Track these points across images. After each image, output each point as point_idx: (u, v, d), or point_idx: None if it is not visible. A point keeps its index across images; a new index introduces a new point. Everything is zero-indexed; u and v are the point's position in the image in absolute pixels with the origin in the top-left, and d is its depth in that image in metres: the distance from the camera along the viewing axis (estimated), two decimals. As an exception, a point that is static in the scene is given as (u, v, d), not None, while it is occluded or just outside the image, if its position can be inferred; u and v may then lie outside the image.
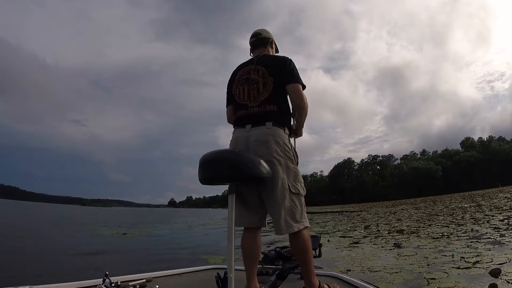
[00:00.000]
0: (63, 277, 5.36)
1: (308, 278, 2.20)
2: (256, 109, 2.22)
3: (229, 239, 1.77)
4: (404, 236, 9.31)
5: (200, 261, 7.24)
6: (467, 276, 4.44)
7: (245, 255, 2.16)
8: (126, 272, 2.77)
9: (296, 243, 2.15)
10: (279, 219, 2.08)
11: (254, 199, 2.19)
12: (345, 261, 6.12)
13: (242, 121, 2.27)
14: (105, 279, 2.28)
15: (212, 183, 1.98)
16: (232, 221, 1.81)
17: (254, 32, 2.55)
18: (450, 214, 16.40)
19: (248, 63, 2.43)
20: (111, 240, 12.74)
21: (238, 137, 2.24)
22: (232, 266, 1.74)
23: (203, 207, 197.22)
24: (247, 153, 1.99)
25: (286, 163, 2.15)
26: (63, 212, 49.92)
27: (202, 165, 1.89)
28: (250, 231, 2.21)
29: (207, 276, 2.84)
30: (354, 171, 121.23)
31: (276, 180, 2.09)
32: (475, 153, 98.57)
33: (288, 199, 2.12)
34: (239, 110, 2.31)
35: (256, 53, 2.48)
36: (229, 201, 1.84)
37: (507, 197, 25.65)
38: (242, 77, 2.35)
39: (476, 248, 6.26)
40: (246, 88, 2.29)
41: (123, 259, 7.90)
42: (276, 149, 2.12)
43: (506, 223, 9.75)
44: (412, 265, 5.35)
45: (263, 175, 1.90)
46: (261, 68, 2.30)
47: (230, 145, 2.28)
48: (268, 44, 2.52)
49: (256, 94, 2.24)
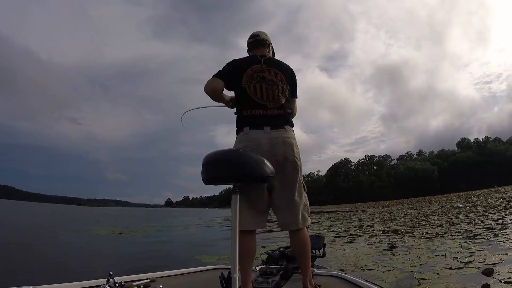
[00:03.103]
0: (57, 277, 5.40)
1: (308, 277, 2.27)
2: (276, 111, 2.28)
3: (233, 240, 1.76)
4: (399, 236, 9.33)
5: (194, 261, 7.26)
6: (459, 276, 4.45)
7: (244, 256, 2.12)
8: (126, 272, 2.76)
9: (299, 241, 2.26)
10: (298, 215, 2.23)
11: (264, 201, 2.22)
12: (338, 261, 6.12)
13: (258, 121, 2.25)
14: (109, 279, 2.27)
15: (216, 183, 1.95)
16: (236, 221, 1.77)
17: (253, 34, 2.55)
18: (445, 214, 16.44)
19: (254, 60, 2.37)
20: (107, 240, 12.77)
21: (258, 138, 2.20)
22: (236, 266, 1.73)
23: (200, 207, 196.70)
24: (251, 153, 1.95)
25: (301, 164, 2.31)
26: (60, 212, 49.81)
27: (206, 165, 1.84)
28: (249, 233, 2.20)
29: (211, 276, 2.84)
30: (350, 171, 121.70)
31: (298, 179, 2.27)
32: (471, 154, 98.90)
33: (304, 196, 2.32)
34: (255, 109, 2.27)
35: (253, 54, 2.47)
36: (233, 201, 1.79)
37: (502, 197, 25.71)
38: (256, 74, 2.31)
39: (469, 248, 6.26)
40: (264, 87, 2.28)
41: (117, 259, 7.88)
42: (298, 151, 2.29)
43: (500, 223, 9.77)
44: (404, 265, 5.36)
45: (268, 174, 1.87)
46: (277, 72, 2.33)
47: (250, 147, 2.18)
48: (266, 46, 2.52)
49: (277, 97, 2.29)
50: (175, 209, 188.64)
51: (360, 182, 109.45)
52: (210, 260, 7.15)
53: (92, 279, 2.39)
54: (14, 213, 35.88)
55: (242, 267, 2.13)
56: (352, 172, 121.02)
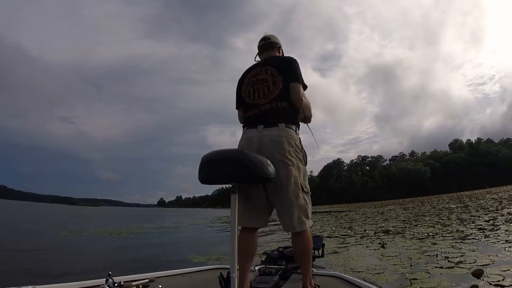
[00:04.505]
0: (49, 276, 5.34)
1: (308, 277, 2.28)
2: (268, 106, 2.26)
3: (232, 239, 1.76)
4: (390, 237, 9.32)
5: (185, 261, 7.21)
6: (450, 276, 4.44)
7: (243, 254, 2.14)
8: (126, 272, 2.73)
9: (300, 242, 2.25)
10: (293, 217, 2.16)
11: (263, 200, 2.22)
12: (329, 261, 6.07)
13: (253, 120, 2.30)
14: (108, 279, 2.27)
15: (215, 183, 1.97)
16: (235, 221, 1.79)
17: (264, 37, 2.61)
18: (437, 214, 16.49)
19: (255, 66, 2.48)
20: (97, 240, 12.69)
21: (251, 137, 2.26)
22: (235, 266, 1.74)
23: (193, 207, 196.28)
24: (252, 152, 1.95)
25: (298, 163, 2.22)
26: (52, 212, 49.52)
27: (207, 164, 1.86)
28: (250, 230, 2.24)
29: (210, 276, 2.87)
30: (343, 171, 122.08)
31: (289, 179, 2.16)
32: (464, 155, 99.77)
33: (301, 198, 2.20)
34: (250, 110, 2.34)
35: (263, 57, 2.54)
36: (232, 201, 1.79)
37: (494, 198, 25.91)
38: (251, 80, 2.39)
39: (460, 248, 6.26)
40: (255, 88, 2.34)
41: (105, 258, 7.78)
42: (289, 150, 2.19)
43: (492, 224, 9.79)
44: (395, 266, 5.33)
45: (270, 175, 1.91)
46: (269, 68, 2.36)
47: (241, 145, 2.29)
48: (276, 48, 2.58)
49: (267, 92, 2.29)
50: (168, 208, 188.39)
51: (353, 183, 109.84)
52: (201, 260, 7.12)
53: (90, 279, 2.38)
54: (6, 213, 35.65)
55: (240, 266, 2.12)
56: (344, 172, 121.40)
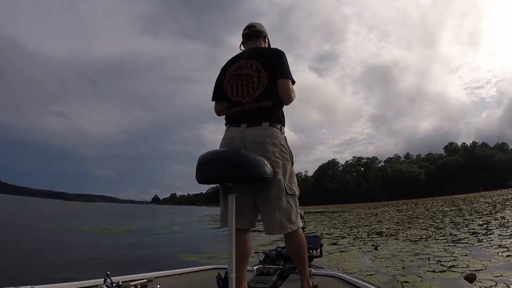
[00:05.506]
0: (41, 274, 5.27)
1: (305, 278, 2.25)
2: (251, 105, 2.16)
3: (230, 239, 1.75)
4: (383, 238, 9.30)
5: (177, 259, 7.22)
6: (442, 280, 4.41)
7: (237, 255, 2.07)
8: (118, 271, 2.73)
9: (292, 243, 2.19)
10: (274, 220, 2.08)
11: (249, 200, 2.15)
12: (320, 263, 6.02)
13: (236, 119, 2.20)
14: (106, 279, 2.25)
15: (214, 182, 1.95)
16: (233, 221, 1.76)
17: (249, 24, 2.49)
18: (431, 217, 16.51)
19: (239, 57, 2.34)
20: (89, 236, 12.63)
21: (234, 136, 2.17)
22: (233, 266, 1.74)
23: (188, 204, 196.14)
24: (250, 153, 1.90)
25: (283, 164, 2.13)
26: (46, 207, 49.33)
27: (204, 164, 1.82)
28: (241, 232, 2.15)
29: (208, 276, 2.87)
30: (338, 172, 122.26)
31: (272, 181, 2.05)
32: (458, 158, 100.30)
33: (284, 201, 2.09)
34: (233, 107, 2.24)
35: (247, 46, 2.42)
36: (229, 201, 1.78)
37: (488, 202, 26.05)
38: (234, 73, 2.27)
39: (453, 252, 6.23)
40: (239, 84, 2.22)
41: (97, 257, 7.69)
42: (273, 151, 2.09)
43: (485, 228, 9.79)
44: (387, 268, 5.30)
45: (268, 175, 1.87)
46: (254, 62, 2.23)
47: (223, 144, 2.21)
48: (261, 37, 2.46)
49: (251, 90, 2.18)
50: (162, 206, 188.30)
51: (347, 183, 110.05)
52: (192, 259, 7.12)
53: (87, 279, 2.37)
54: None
55: (236, 267, 2.08)
56: (339, 173, 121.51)
